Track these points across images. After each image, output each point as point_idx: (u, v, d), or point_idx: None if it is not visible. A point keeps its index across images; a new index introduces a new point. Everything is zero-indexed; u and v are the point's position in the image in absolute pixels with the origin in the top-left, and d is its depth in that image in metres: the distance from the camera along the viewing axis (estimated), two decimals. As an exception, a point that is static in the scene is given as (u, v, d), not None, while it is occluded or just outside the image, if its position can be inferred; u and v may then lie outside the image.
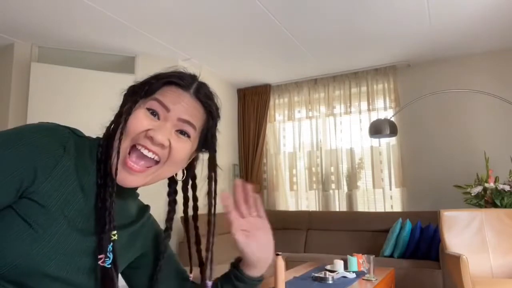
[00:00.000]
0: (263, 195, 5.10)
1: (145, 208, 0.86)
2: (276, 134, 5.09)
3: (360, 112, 4.61)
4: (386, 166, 4.40)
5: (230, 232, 0.72)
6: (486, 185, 3.34)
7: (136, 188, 0.78)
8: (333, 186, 4.69)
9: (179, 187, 0.84)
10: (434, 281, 3.29)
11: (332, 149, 4.71)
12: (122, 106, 0.74)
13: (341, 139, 4.67)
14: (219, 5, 2.99)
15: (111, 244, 0.68)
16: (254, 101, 5.15)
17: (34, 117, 3.31)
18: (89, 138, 0.73)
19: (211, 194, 0.79)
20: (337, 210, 4.60)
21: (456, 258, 2.56)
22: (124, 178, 0.69)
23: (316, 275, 2.64)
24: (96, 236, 0.67)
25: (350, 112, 4.65)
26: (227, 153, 5.03)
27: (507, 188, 3.26)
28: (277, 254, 2.37)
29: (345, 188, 4.63)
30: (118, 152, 0.68)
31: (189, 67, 0.79)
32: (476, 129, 4.10)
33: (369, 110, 4.53)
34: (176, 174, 0.81)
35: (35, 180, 0.61)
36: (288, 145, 5.03)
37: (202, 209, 0.82)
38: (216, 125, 0.79)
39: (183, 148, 0.72)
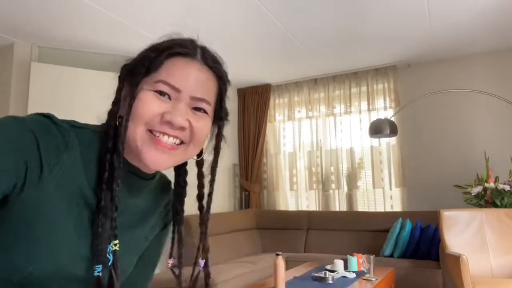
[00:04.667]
0: (263, 195, 5.10)
1: (166, 190, 0.79)
2: (276, 134, 5.09)
3: (360, 112, 4.60)
4: (386, 166, 4.40)
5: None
6: (486, 185, 3.34)
7: (154, 176, 0.73)
8: (333, 186, 4.69)
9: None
10: (434, 281, 3.29)
11: (332, 149, 4.71)
12: (119, 91, 0.66)
13: (341, 139, 4.67)
14: (219, 5, 2.99)
15: (110, 249, 0.62)
16: (254, 101, 5.15)
17: (34, 117, 3.30)
18: (93, 129, 0.66)
19: (215, 166, 0.75)
20: (337, 210, 4.60)
21: (456, 258, 2.56)
22: (159, 160, 0.62)
23: (316, 275, 2.64)
24: (93, 244, 0.61)
25: (350, 112, 4.65)
26: (227, 153, 5.02)
27: (507, 188, 3.26)
28: (277, 254, 2.38)
29: (345, 188, 4.63)
30: (123, 142, 0.62)
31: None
32: (476, 129, 4.10)
33: (369, 110, 4.53)
34: None
35: (39, 175, 0.55)
36: (288, 145, 5.03)
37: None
38: (226, 91, 0.74)
39: (204, 125, 0.67)
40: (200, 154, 0.76)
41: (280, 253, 2.40)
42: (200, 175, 0.76)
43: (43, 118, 0.59)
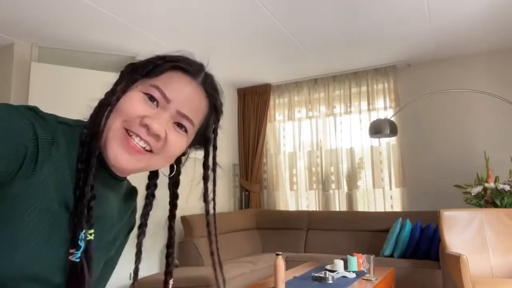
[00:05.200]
0: (263, 195, 5.10)
1: (131, 197, 0.79)
2: (276, 134, 5.09)
3: (360, 112, 4.61)
4: (386, 166, 4.40)
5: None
6: (486, 185, 3.34)
7: (124, 179, 0.72)
8: (333, 186, 4.69)
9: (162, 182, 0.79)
10: (434, 281, 3.29)
11: (332, 149, 4.71)
12: (116, 84, 0.67)
13: (341, 139, 4.67)
14: (219, 5, 2.99)
15: (83, 237, 0.60)
16: (254, 101, 5.15)
17: (34, 117, 3.30)
18: (76, 124, 0.66)
19: (209, 195, 0.74)
20: (337, 210, 4.60)
21: (456, 258, 2.56)
22: (121, 157, 0.62)
23: (316, 275, 2.64)
24: (70, 228, 0.59)
25: (350, 112, 4.65)
26: (227, 153, 5.03)
27: (507, 188, 3.26)
28: (277, 254, 2.38)
29: (345, 188, 4.63)
30: (102, 131, 0.62)
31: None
32: (476, 129, 4.10)
33: (369, 110, 4.53)
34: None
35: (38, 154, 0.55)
36: (288, 145, 5.03)
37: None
38: (219, 121, 0.74)
39: (179, 142, 0.66)
40: (172, 171, 0.76)
41: (280, 253, 2.40)
42: (174, 196, 0.78)
43: (31, 111, 0.58)
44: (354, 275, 2.73)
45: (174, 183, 0.78)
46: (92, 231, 0.62)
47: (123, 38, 3.50)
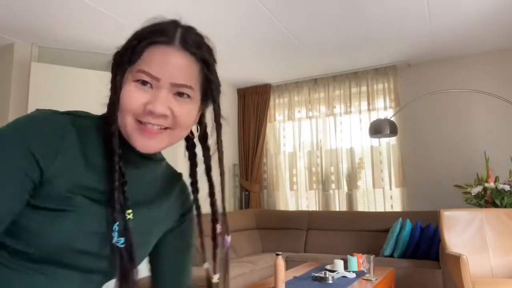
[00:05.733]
0: (263, 195, 5.10)
1: (176, 178, 0.83)
2: (276, 134, 5.09)
3: (360, 112, 4.61)
4: (386, 166, 4.40)
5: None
6: (486, 185, 3.34)
7: (154, 155, 0.75)
8: (333, 186, 4.69)
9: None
10: (434, 281, 3.29)
11: (332, 149, 4.71)
12: (113, 79, 0.70)
13: (341, 139, 4.67)
14: (219, 5, 2.99)
15: (120, 223, 0.66)
16: (254, 101, 5.15)
17: (34, 117, 3.30)
18: (94, 116, 0.71)
19: (219, 143, 0.75)
20: (337, 210, 4.60)
21: (456, 258, 2.56)
22: (147, 144, 0.66)
23: (316, 275, 2.64)
24: (108, 214, 0.65)
25: (350, 112, 4.65)
26: (227, 153, 5.02)
27: (507, 188, 3.26)
28: (277, 254, 2.38)
29: (345, 188, 4.63)
30: (117, 128, 0.67)
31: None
32: (476, 129, 4.10)
33: (369, 110, 4.53)
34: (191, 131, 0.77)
35: (42, 174, 0.61)
36: (288, 145, 5.03)
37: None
38: (214, 71, 0.73)
39: (187, 110, 0.68)
40: (189, 138, 0.79)
41: (280, 253, 2.40)
42: (205, 149, 0.79)
43: (30, 123, 0.63)
44: (354, 275, 2.73)
45: (202, 137, 0.79)
46: (130, 210, 0.67)
47: (123, 38, 3.50)
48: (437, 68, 4.34)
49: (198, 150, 0.80)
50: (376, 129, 3.67)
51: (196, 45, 0.70)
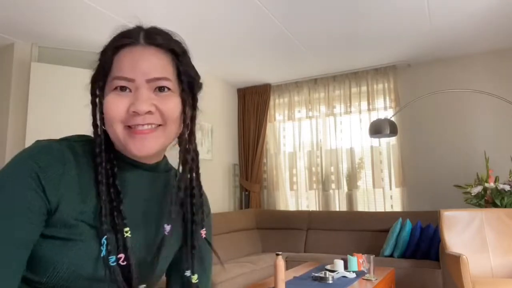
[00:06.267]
0: (263, 195, 5.10)
1: (167, 171, 0.79)
2: (276, 134, 5.09)
3: (360, 112, 4.61)
4: (386, 166, 4.40)
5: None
6: (486, 185, 3.34)
7: (157, 167, 0.74)
8: (333, 186, 4.69)
9: None
10: (434, 281, 3.29)
11: (332, 149, 4.71)
12: (93, 99, 0.70)
13: (341, 139, 4.67)
14: (219, 5, 2.99)
15: (114, 239, 0.65)
16: (254, 101, 5.15)
17: (34, 117, 3.31)
18: (88, 139, 0.71)
19: (192, 135, 0.73)
20: (337, 210, 4.60)
21: (456, 258, 2.56)
22: (141, 146, 0.65)
23: (316, 275, 2.64)
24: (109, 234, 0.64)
25: (350, 112, 4.65)
26: (227, 153, 5.03)
27: (507, 188, 3.26)
28: (277, 254, 2.38)
29: (345, 188, 4.63)
30: (102, 143, 0.67)
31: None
32: (476, 129, 4.10)
33: (369, 110, 4.53)
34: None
35: (50, 202, 0.61)
36: (288, 145, 5.03)
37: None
38: (186, 62, 0.72)
39: (170, 102, 0.67)
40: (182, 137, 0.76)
41: (280, 253, 2.40)
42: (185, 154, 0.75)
43: (30, 159, 0.62)
44: (354, 275, 2.73)
45: (190, 133, 0.75)
46: (127, 228, 0.66)
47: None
48: (437, 68, 4.34)
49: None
50: (376, 129, 3.67)
51: (161, 38, 0.69)
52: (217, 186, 4.77)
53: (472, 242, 2.95)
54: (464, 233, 2.98)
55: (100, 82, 0.68)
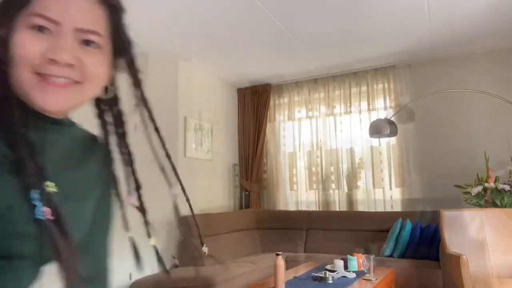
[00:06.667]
0: (263, 195, 5.10)
1: (92, 143, 0.70)
2: (276, 134, 5.09)
3: (360, 112, 4.61)
4: (386, 166, 4.40)
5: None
6: (486, 185, 3.34)
7: (63, 120, 0.64)
8: (333, 186, 4.69)
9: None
10: (434, 281, 3.29)
11: (332, 149, 4.71)
12: None
13: (341, 139, 4.67)
14: (218, 5, 2.99)
15: (39, 193, 0.53)
16: (254, 101, 5.14)
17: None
18: None
19: (144, 100, 0.66)
20: (337, 210, 4.60)
21: (456, 258, 2.56)
22: (49, 99, 0.55)
23: (316, 275, 2.64)
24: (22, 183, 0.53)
25: (350, 112, 4.65)
26: (227, 153, 5.03)
27: (507, 188, 3.26)
28: (277, 254, 2.38)
29: (345, 188, 4.63)
30: (10, 86, 0.55)
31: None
32: (476, 129, 4.10)
33: (369, 110, 4.54)
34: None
35: None
36: (288, 145, 5.03)
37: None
38: (122, 18, 0.65)
39: (97, 61, 0.59)
40: (100, 102, 0.69)
41: (280, 253, 2.39)
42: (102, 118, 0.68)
43: None
44: (354, 275, 2.73)
45: (112, 100, 0.69)
46: (48, 182, 0.54)
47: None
48: (437, 68, 4.34)
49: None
50: (376, 129, 3.67)
51: None
52: (217, 186, 4.77)
53: (472, 242, 2.94)
54: (464, 233, 2.98)
55: (12, 11, 0.55)
